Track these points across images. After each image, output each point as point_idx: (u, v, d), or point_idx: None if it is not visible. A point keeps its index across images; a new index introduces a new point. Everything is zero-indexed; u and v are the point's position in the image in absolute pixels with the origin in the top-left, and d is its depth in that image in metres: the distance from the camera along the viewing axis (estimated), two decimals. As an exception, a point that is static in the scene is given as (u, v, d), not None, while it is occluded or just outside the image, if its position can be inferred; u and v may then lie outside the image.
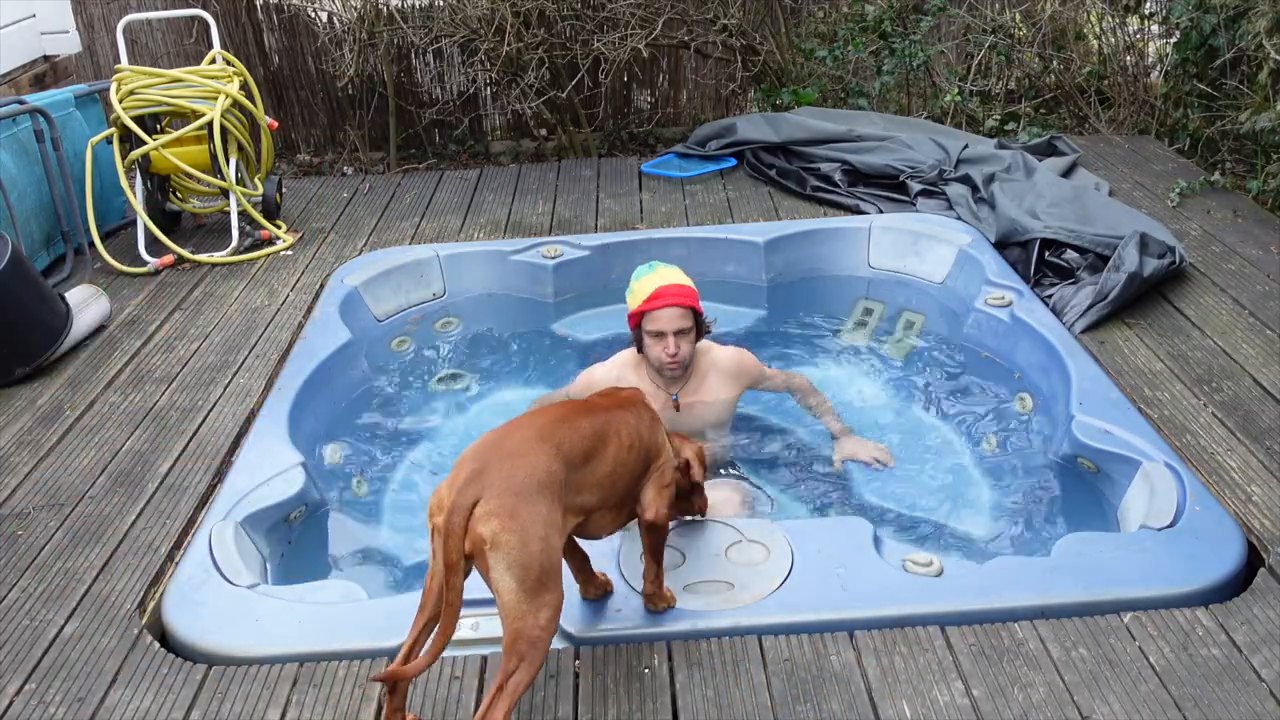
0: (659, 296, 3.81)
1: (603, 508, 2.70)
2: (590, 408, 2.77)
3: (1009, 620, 2.86)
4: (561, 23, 6.96)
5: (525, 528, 2.35)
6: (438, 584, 2.40)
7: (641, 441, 2.78)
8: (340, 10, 7.51)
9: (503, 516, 2.34)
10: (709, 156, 6.53)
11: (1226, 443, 3.59)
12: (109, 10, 7.66)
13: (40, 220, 5.54)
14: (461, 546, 2.34)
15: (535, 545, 2.35)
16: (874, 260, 5.39)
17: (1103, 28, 7.45)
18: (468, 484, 2.37)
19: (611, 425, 2.71)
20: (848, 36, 7.46)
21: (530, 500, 2.38)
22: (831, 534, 3.23)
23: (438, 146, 8.00)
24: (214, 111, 5.56)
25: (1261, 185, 5.58)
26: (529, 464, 2.43)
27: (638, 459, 2.77)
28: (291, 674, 2.81)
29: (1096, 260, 4.72)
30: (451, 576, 2.35)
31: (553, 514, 2.42)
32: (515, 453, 2.44)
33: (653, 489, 2.83)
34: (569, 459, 2.52)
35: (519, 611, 2.35)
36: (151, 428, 4.05)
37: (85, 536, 3.42)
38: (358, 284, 5.09)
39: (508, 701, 2.34)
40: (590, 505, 2.64)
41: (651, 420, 2.89)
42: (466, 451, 2.50)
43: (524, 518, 2.35)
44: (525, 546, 2.34)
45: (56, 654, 2.93)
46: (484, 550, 2.34)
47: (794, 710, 2.62)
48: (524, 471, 2.41)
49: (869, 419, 4.46)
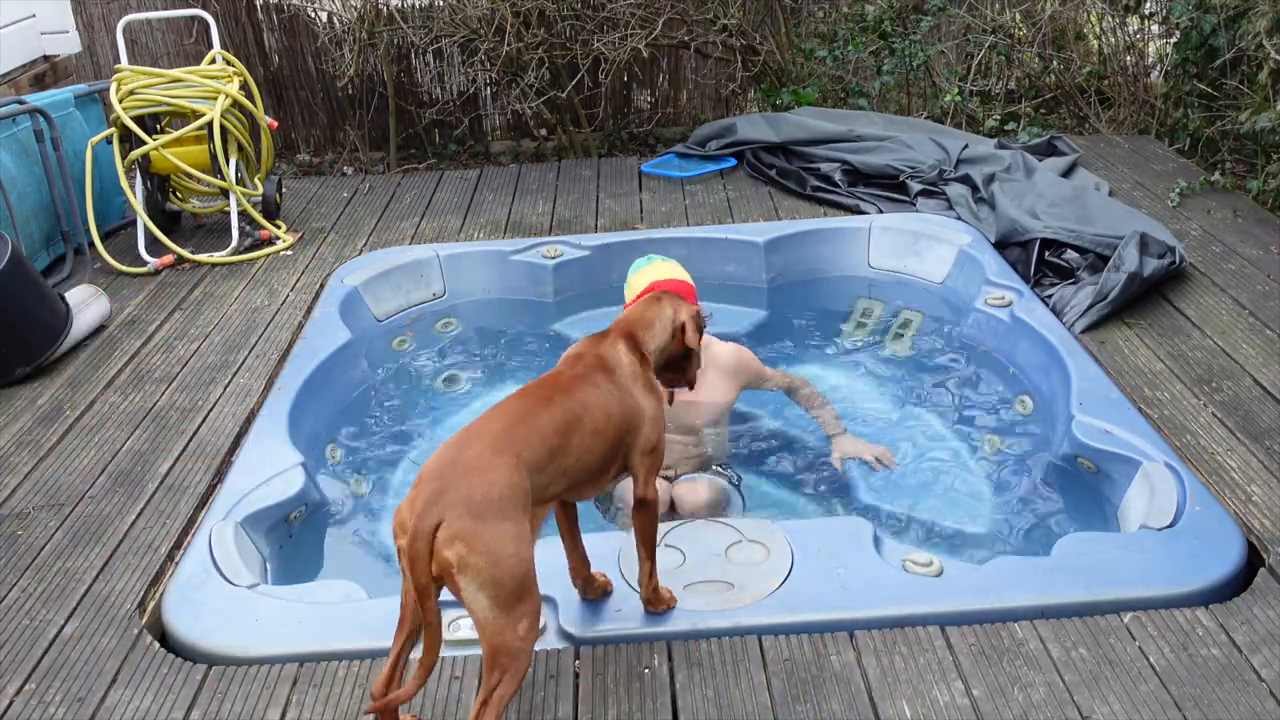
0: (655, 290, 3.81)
1: (578, 487, 2.62)
2: (550, 395, 2.59)
3: (1009, 620, 2.86)
4: (561, 23, 6.96)
5: (492, 547, 2.28)
6: (411, 602, 2.37)
7: (613, 418, 2.63)
8: (340, 10, 7.51)
9: (467, 539, 2.27)
10: (709, 156, 6.53)
11: (1226, 443, 3.59)
12: (109, 10, 7.66)
13: (40, 220, 5.54)
14: (429, 570, 2.28)
15: (506, 562, 2.29)
16: (874, 260, 5.39)
17: (1103, 28, 7.45)
18: (428, 507, 2.29)
19: (575, 413, 2.56)
20: (848, 36, 7.46)
21: (493, 519, 2.30)
22: (831, 534, 3.23)
23: (438, 146, 8.00)
24: (214, 111, 5.56)
25: (1261, 185, 5.58)
26: (488, 479, 2.33)
27: (611, 437, 2.64)
28: (291, 674, 2.81)
29: (1096, 260, 4.72)
30: (424, 600, 2.30)
31: (520, 526, 2.35)
32: (474, 468, 2.34)
33: (637, 459, 2.71)
34: (531, 464, 2.43)
35: (496, 627, 2.31)
36: (151, 428, 4.05)
37: (85, 536, 3.42)
38: (358, 284, 5.10)
39: (494, 713, 2.32)
40: (562, 490, 2.56)
41: (627, 382, 2.71)
42: (425, 468, 2.41)
43: (488, 538, 2.28)
44: (495, 565, 2.28)
45: (56, 654, 2.93)
46: (452, 574, 2.28)
47: (794, 710, 2.62)
48: (483, 489, 2.32)
49: (869, 419, 4.46)
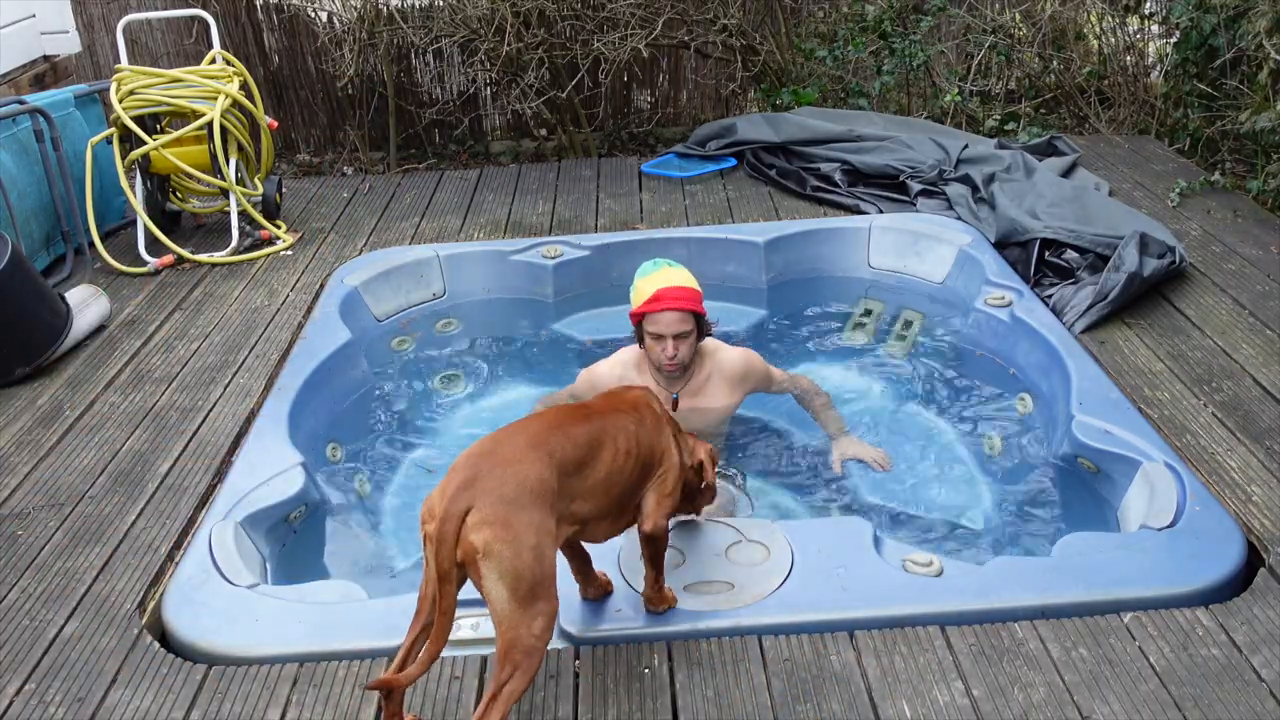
0: (659, 300, 3.79)
1: (598, 517, 2.67)
2: (587, 413, 2.72)
3: (1009, 620, 2.85)
4: (561, 23, 6.96)
5: (518, 537, 2.33)
6: (431, 591, 2.39)
7: (640, 449, 2.73)
8: (340, 10, 7.50)
9: (495, 525, 2.32)
10: (709, 156, 6.53)
11: (1226, 443, 3.59)
12: (109, 10, 7.66)
13: (40, 220, 5.54)
14: (454, 555, 2.33)
15: (528, 555, 2.34)
16: (874, 260, 5.39)
17: (1103, 28, 7.45)
18: (459, 492, 2.36)
19: (608, 432, 2.67)
20: (848, 36, 7.46)
21: (522, 509, 2.36)
22: (831, 534, 3.23)
23: (438, 146, 8.00)
24: (214, 111, 5.56)
25: (1261, 185, 5.58)
26: (521, 471, 2.41)
27: (636, 467, 2.72)
28: (291, 674, 2.80)
29: (1096, 260, 4.72)
30: (444, 584, 2.33)
31: (545, 522, 2.40)
32: (507, 460, 2.42)
33: (653, 498, 2.79)
34: (562, 466, 2.50)
35: (512, 621, 2.34)
36: (151, 428, 4.05)
37: (85, 536, 3.42)
38: (358, 284, 5.10)
39: (502, 708, 2.33)
40: (585, 514, 2.62)
41: (655, 424, 2.83)
42: (459, 459, 2.48)
43: (516, 527, 2.34)
44: (518, 556, 2.33)
45: (56, 654, 2.93)
46: (476, 560, 2.33)
47: (794, 710, 2.62)
48: (516, 479, 2.39)
49: (869, 419, 4.46)
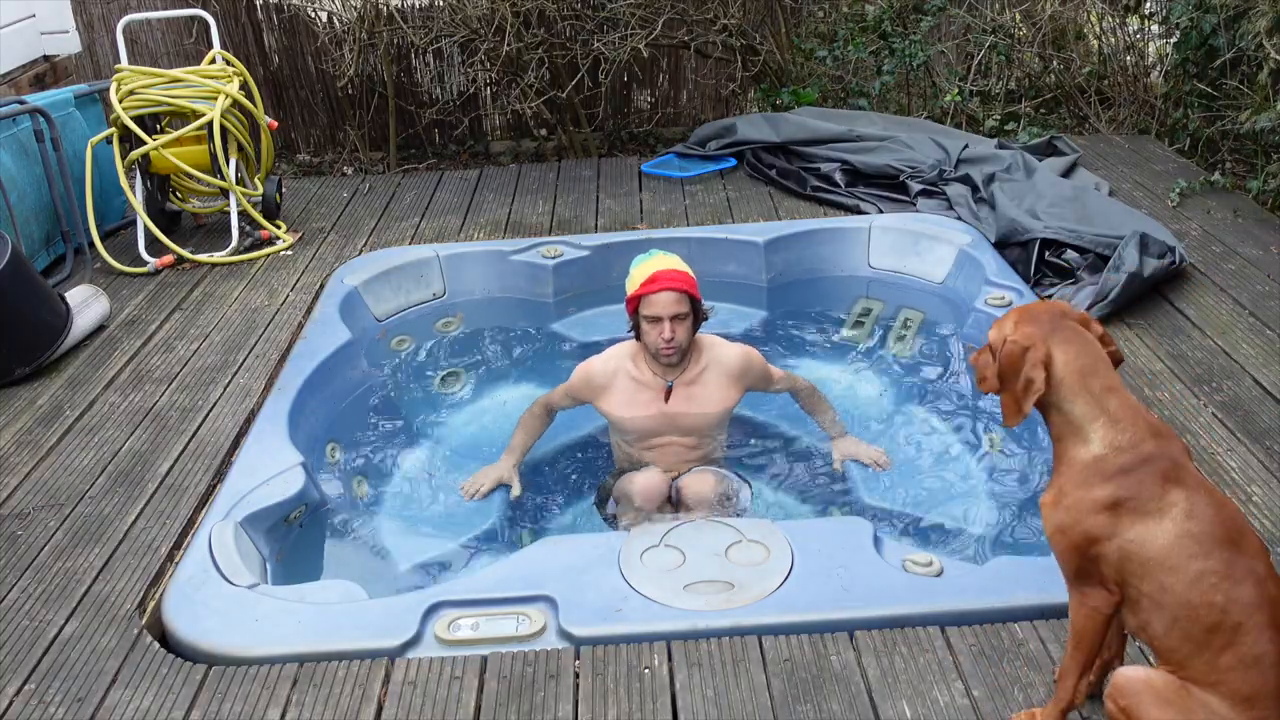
0: (655, 280, 3.80)
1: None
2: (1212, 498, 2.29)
3: (1009, 620, 2.86)
4: (561, 23, 6.96)
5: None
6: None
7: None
8: (340, 10, 7.49)
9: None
10: (709, 156, 6.53)
11: (1226, 443, 3.59)
12: (109, 10, 7.65)
13: (40, 220, 5.54)
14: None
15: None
16: (874, 260, 5.38)
17: (1103, 28, 7.45)
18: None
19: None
20: (848, 36, 7.46)
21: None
22: (831, 534, 3.23)
23: (438, 146, 7.99)
24: (214, 111, 5.56)
25: (1261, 185, 5.58)
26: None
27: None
28: (291, 674, 2.80)
29: (1096, 260, 4.72)
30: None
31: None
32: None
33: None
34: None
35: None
36: (151, 428, 4.05)
37: (85, 536, 3.42)
38: (358, 284, 5.09)
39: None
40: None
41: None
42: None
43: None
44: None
45: (56, 654, 2.93)
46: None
47: (794, 710, 2.62)
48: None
49: (869, 419, 4.46)
